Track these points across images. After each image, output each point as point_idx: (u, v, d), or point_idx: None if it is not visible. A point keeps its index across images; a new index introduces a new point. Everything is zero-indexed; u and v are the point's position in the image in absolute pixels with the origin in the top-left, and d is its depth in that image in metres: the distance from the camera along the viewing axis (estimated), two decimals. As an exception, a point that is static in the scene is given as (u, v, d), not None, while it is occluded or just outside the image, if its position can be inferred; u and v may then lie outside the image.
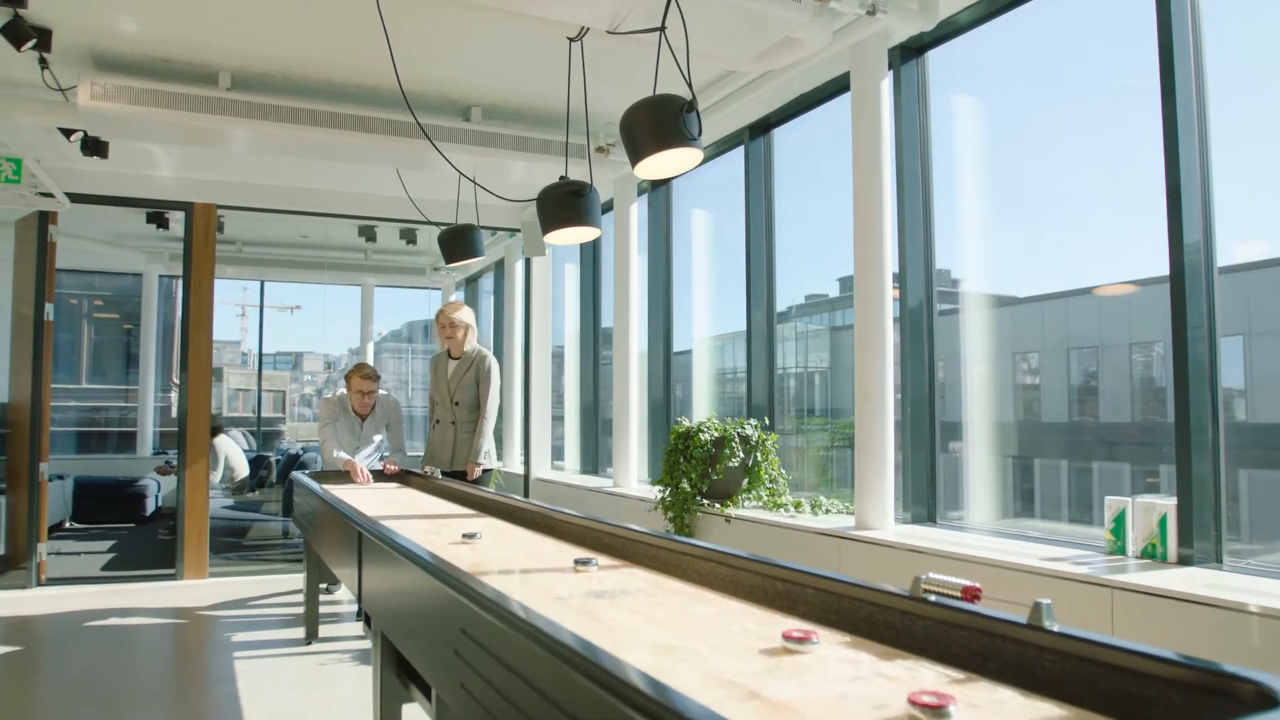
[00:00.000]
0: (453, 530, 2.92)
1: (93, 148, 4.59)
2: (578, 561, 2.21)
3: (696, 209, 5.67)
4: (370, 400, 5.11)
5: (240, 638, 4.41)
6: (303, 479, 4.32)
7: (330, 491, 3.87)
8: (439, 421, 4.97)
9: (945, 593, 1.39)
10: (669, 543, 2.16)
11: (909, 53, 3.71)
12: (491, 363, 4.91)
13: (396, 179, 5.43)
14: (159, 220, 6.71)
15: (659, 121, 2.56)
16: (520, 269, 7.47)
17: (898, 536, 3.27)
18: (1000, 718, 1.09)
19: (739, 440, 4.18)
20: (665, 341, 5.75)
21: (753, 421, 4.30)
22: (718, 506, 4.21)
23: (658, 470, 4.47)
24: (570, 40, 3.26)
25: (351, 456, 4.91)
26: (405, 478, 4.85)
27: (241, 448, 8.55)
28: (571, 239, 3.30)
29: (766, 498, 4.21)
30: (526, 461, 6.94)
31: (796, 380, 5.00)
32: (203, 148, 5.13)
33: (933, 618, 1.39)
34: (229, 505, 7.86)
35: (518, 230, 6.84)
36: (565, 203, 3.09)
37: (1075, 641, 1.16)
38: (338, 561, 3.12)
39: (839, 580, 1.60)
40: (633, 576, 2.11)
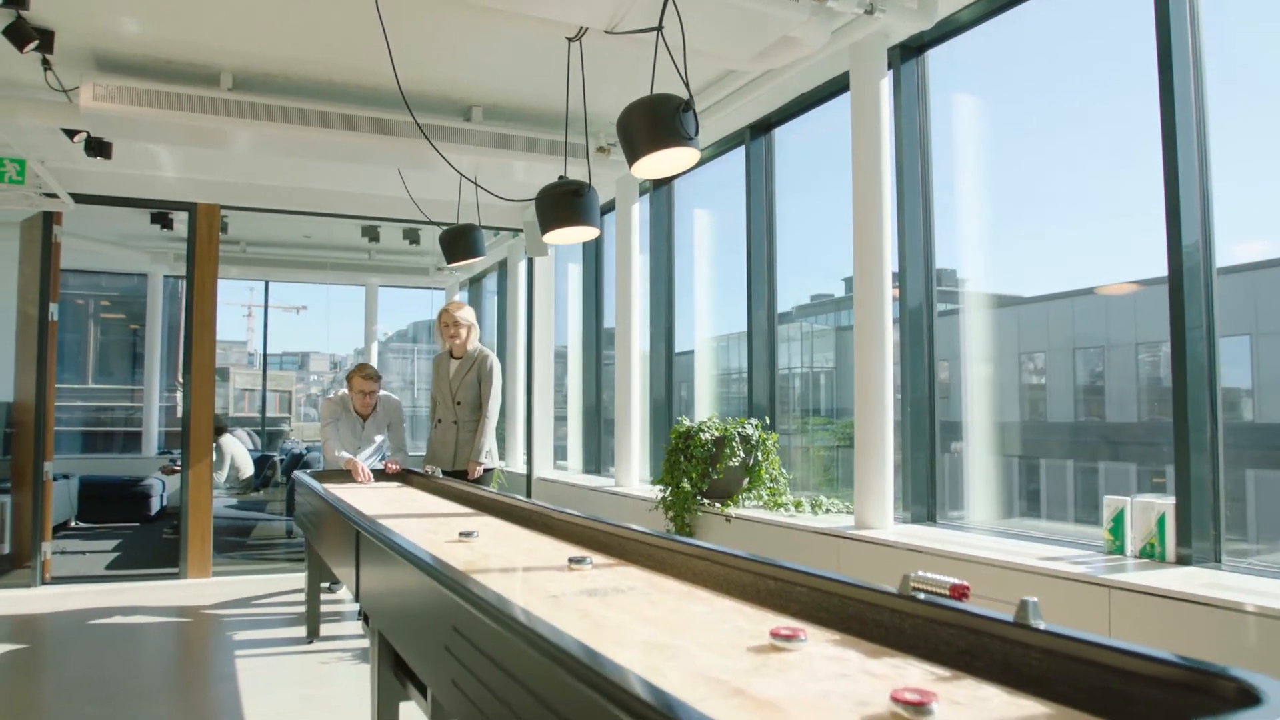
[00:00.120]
0: (451, 529, 2.93)
1: (96, 149, 4.62)
2: (572, 560, 2.22)
3: (698, 209, 5.66)
4: (372, 400, 5.13)
5: (242, 636, 4.43)
6: (304, 478, 4.34)
7: (331, 491, 3.89)
8: (440, 421, 4.98)
9: (933, 591, 1.39)
10: (664, 541, 2.17)
11: (909, 52, 3.71)
12: (493, 362, 4.92)
13: (398, 179, 5.44)
14: (163, 221, 6.75)
15: (656, 121, 2.56)
16: (523, 269, 7.48)
17: (897, 536, 3.27)
18: (983, 715, 1.09)
19: (739, 440, 4.18)
20: (667, 342, 5.74)
21: (753, 421, 4.30)
22: (718, 506, 4.21)
23: (660, 470, 4.48)
24: (569, 40, 3.27)
25: (353, 456, 4.92)
26: (406, 477, 4.87)
27: (247, 447, 8.58)
28: (570, 239, 3.30)
29: (767, 497, 4.21)
30: (529, 461, 6.95)
31: (802, 380, 4.99)
32: (205, 148, 5.15)
33: (921, 616, 1.39)
34: (233, 505, 7.89)
35: (520, 230, 6.85)
36: (563, 203, 3.10)
37: (1061, 639, 1.16)
38: (337, 560, 3.13)
39: (830, 579, 1.60)
40: (627, 575, 2.12)
